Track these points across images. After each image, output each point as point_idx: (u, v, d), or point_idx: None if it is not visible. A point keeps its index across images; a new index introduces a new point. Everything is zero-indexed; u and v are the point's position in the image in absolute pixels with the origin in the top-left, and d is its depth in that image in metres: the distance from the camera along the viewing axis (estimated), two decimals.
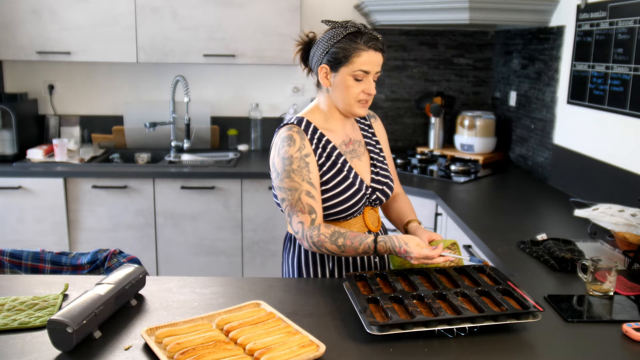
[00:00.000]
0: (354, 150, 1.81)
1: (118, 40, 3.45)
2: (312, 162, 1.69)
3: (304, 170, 1.67)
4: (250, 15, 3.46)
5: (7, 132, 3.45)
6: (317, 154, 1.72)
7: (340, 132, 1.79)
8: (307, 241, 1.67)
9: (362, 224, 1.80)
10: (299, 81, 3.91)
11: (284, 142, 1.69)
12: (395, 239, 1.62)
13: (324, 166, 1.72)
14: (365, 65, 1.66)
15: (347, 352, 1.29)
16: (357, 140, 1.83)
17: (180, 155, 3.67)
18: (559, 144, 2.95)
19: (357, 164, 1.79)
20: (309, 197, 1.66)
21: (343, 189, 1.72)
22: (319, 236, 1.64)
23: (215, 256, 3.41)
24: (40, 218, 3.30)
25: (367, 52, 1.65)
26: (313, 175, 1.68)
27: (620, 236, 1.95)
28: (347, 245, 1.64)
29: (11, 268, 1.84)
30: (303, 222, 1.66)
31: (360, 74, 1.67)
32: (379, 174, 1.82)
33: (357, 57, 1.65)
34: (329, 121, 1.78)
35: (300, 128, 1.72)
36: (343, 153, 1.76)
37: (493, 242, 2.08)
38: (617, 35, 2.42)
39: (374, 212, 1.84)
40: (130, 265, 1.58)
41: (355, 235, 1.64)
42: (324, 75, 1.71)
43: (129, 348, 1.30)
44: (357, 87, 1.69)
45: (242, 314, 1.42)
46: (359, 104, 1.72)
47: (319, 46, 1.71)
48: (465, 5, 2.97)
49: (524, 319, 1.38)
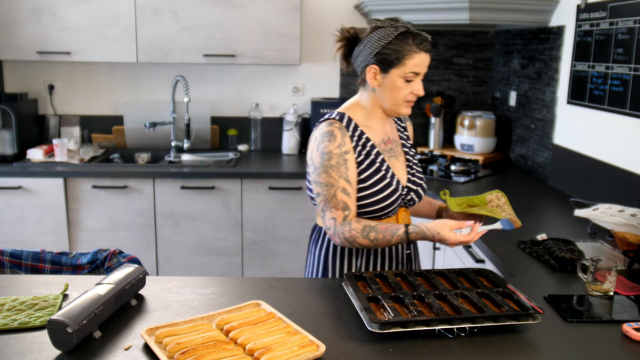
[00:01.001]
0: (392, 149, 1.81)
1: (118, 40, 3.45)
2: (351, 160, 1.69)
3: (342, 167, 1.67)
4: (250, 15, 3.45)
5: (7, 132, 3.45)
6: (357, 152, 1.71)
7: (380, 130, 1.79)
8: (338, 237, 1.67)
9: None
10: (299, 81, 3.91)
11: (324, 137, 1.69)
12: (426, 229, 1.63)
13: (363, 164, 1.72)
14: (417, 67, 1.66)
15: (347, 352, 1.29)
16: (395, 140, 1.84)
17: (180, 155, 3.67)
18: (559, 144, 2.95)
19: (395, 164, 1.80)
20: (344, 194, 1.67)
21: (380, 188, 1.72)
22: (351, 232, 1.65)
23: (215, 256, 3.41)
24: (40, 218, 3.30)
25: (419, 54, 1.65)
26: (351, 172, 1.68)
27: (620, 236, 1.95)
28: (379, 239, 1.65)
29: (11, 268, 1.84)
30: (335, 219, 1.67)
31: (411, 75, 1.67)
32: (415, 175, 1.83)
33: (410, 59, 1.65)
34: (370, 119, 1.77)
35: (342, 124, 1.71)
36: (382, 152, 1.76)
37: (493, 242, 2.08)
38: (617, 35, 2.42)
39: (407, 214, 1.84)
40: (130, 265, 1.58)
41: (386, 228, 1.65)
42: (372, 76, 1.70)
43: (129, 348, 1.30)
44: (407, 88, 1.69)
45: (242, 314, 1.42)
46: (406, 104, 1.72)
47: (367, 45, 1.69)
48: (465, 5, 2.97)
49: (523, 320, 1.38)
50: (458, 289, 1.51)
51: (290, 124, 3.77)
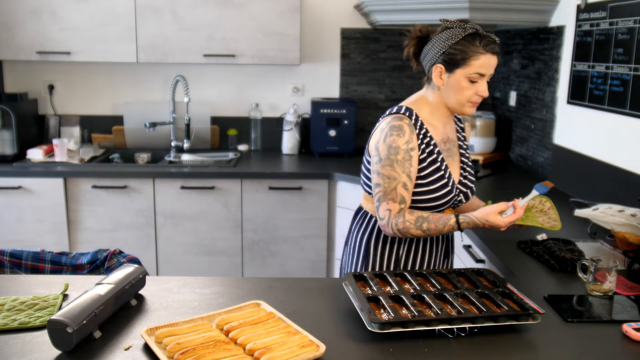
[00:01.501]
0: (450, 149, 1.84)
1: (118, 40, 3.45)
2: (415, 157, 1.73)
3: (406, 162, 1.71)
4: (250, 15, 3.45)
5: (7, 132, 3.45)
6: (420, 149, 1.75)
7: (442, 129, 1.82)
8: (391, 228, 1.72)
9: None
10: (299, 81, 3.91)
11: (392, 130, 1.72)
12: (475, 218, 1.68)
13: (425, 161, 1.75)
14: (483, 69, 1.68)
15: (347, 352, 1.29)
16: (453, 140, 1.87)
17: (180, 155, 3.67)
18: (559, 144, 2.95)
19: (451, 164, 1.83)
20: (404, 188, 1.71)
21: (438, 187, 1.76)
22: (404, 223, 1.70)
23: (215, 256, 3.41)
24: (40, 218, 3.30)
25: (485, 55, 1.67)
26: (413, 169, 1.73)
27: (620, 236, 1.95)
28: (431, 229, 1.71)
29: (11, 268, 1.84)
30: (391, 210, 1.72)
31: (476, 76, 1.69)
32: (467, 177, 1.87)
33: (475, 60, 1.67)
34: (434, 117, 1.81)
35: (411, 121, 1.75)
36: (442, 151, 1.81)
37: (493, 242, 2.08)
38: (617, 35, 2.42)
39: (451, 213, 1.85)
40: (130, 265, 1.58)
41: (438, 218, 1.70)
42: (437, 75, 1.73)
43: (129, 348, 1.30)
44: (472, 89, 1.72)
45: (242, 314, 1.42)
46: (470, 104, 1.75)
47: (435, 45, 1.72)
48: (465, 5, 2.97)
49: (523, 320, 1.38)
50: (458, 289, 1.51)
51: (290, 124, 3.77)
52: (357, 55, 3.88)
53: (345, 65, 3.89)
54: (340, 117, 3.67)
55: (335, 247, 3.44)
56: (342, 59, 3.89)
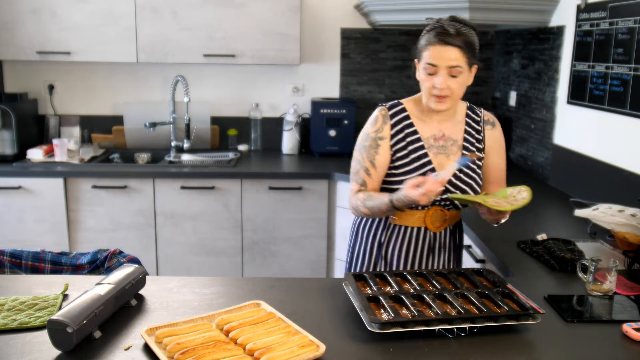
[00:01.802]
0: (444, 147, 1.83)
1: (118, 40, 3.45)
2: (384, 146, 1.81)
3: (372, 150, 1.82)
4: (250, 15, 3.45)
5: (7, 132, 3.45)
6: (395, 140, 1.81)
7: (434, 126, 1.84)
8: (350, 206, 1.89)
9: (421, 218, 1.84)
10: (299, 81, 3.91)
11: (370, 119, 1.87)
12: (402, 195, 1.68)
13: (401, 151, 1.81)
14: (432, 59, 1.71)
15: (347, 352, 1.29)
16: (454, 139, 1.85)
17: (180, 155, 3.67)
18: (559, 144, 2.95)
19: (442, 161, 1.82)
20: (366, 173, 1.83)
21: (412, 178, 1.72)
22: (357, 201, 1.83)
23: (215, 256, 3.40)
24: (40, 218, 3.30)
25: (433, 46, 1.70)
26: (379, 157, 1.81)
27: (620, 236, 1.95)
28: (374, 208, 1.78)
29: (11, 268, 1.84)
30: (352, 190, 1.88)
31: (428, 67, 1.72)
32: (461, 179, 1.81)
33: (426, 51, 1.73)
34: (423, 112, 1.85)
35: (388, 112, 1.84)
36: (427, 146, 1.82)
37: (493, 242, 2.08)
38: (617, 35, 2.42)
39: (442, 214, 1.84)
40: (130, 265, 1.58)
41: (378, 197, 1.78)
42: (415, 69, 1.83)
43: (129, 348, 1.30)
44: (429, 81, 1.74)
45: (242, 314, 1.42)
46: (433, 99, 1.75)
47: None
48: (465, 5, 2.97)
49: (523, 320, 1.38)
50: (458, 289, 1.51)
51: (290, 124, 3.77)
52: (357, 55, 3.88)
53: (345, 65, 3.89)
54: (340, 117, 3.67)
55: (335, 247, 3.44)
56: (342, 59, 3.89)
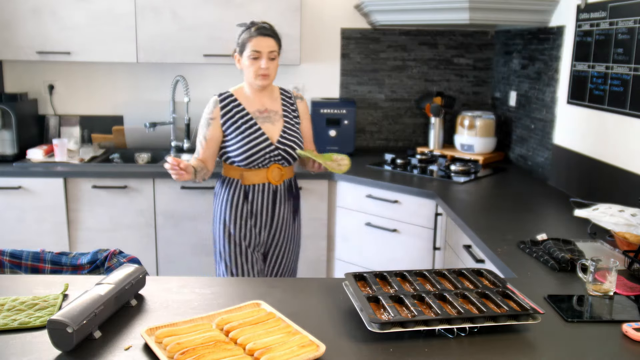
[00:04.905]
0: (269, 117, 2.39)
1: (118, 40, 3.45)
2: (214, 125, 2.37)
3: (204, 128, 2.39)
4: (250, 15, 3.45)
5: (7, 132, 3.45)
6: (224, 119, 2.36)
7: (257, 102, 2.40)
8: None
9: (264, 176, 2.37)
10: (299, 81, 3.91)
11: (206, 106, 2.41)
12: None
13: (235, 124, 2.35)
14: (257, 47, 2.27)
15: (347, 352, 1.29)
16: (274, 110, 2.42)
17: (180, 155, 3.67)
18: (559, 144, 2.95)
19: (269, 127, 2.37)
20: (200, 145, 2.41)
21: (246, 142, 2.32)
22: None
23: None
24: (40, 218, 3.30)
25: (256, 38, 2.27)
26: (210, 133, 2.37)
27: (620, 236, 1.95)
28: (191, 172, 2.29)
29: (11, 268, 1.84)
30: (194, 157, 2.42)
31: (254, 53, 2.28)
32: (286, 138, 2.38)
33: (249, 42, 2.28)
34: (247, 94, 2.41)
35: (218, 99, 2.38)
36: (255, 117, 2.37)
37: (493, 242, 2.09)
38: (617, 35, 2.42)
39: (279, 170, 2.39)
40: (130, 265, 1.58)
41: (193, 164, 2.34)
42: (237, 61, 2.37)
43: (129, 348, 1.30)
44: (254, 64, 2.30)
45: (242, 314, 1.42)
46: (260, 77, 2.32)
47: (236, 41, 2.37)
48: (465, 5, 2.97)
49: (523, 320, 1.38)
50: (458, 289, 1.52)
51: None
52: (357, 55, 3.88)
53: (345, 65, 3.89)
54: (340, 117, 3.67)
55: (335, 247, 3.44)
56: (342, 59, 3.89)
